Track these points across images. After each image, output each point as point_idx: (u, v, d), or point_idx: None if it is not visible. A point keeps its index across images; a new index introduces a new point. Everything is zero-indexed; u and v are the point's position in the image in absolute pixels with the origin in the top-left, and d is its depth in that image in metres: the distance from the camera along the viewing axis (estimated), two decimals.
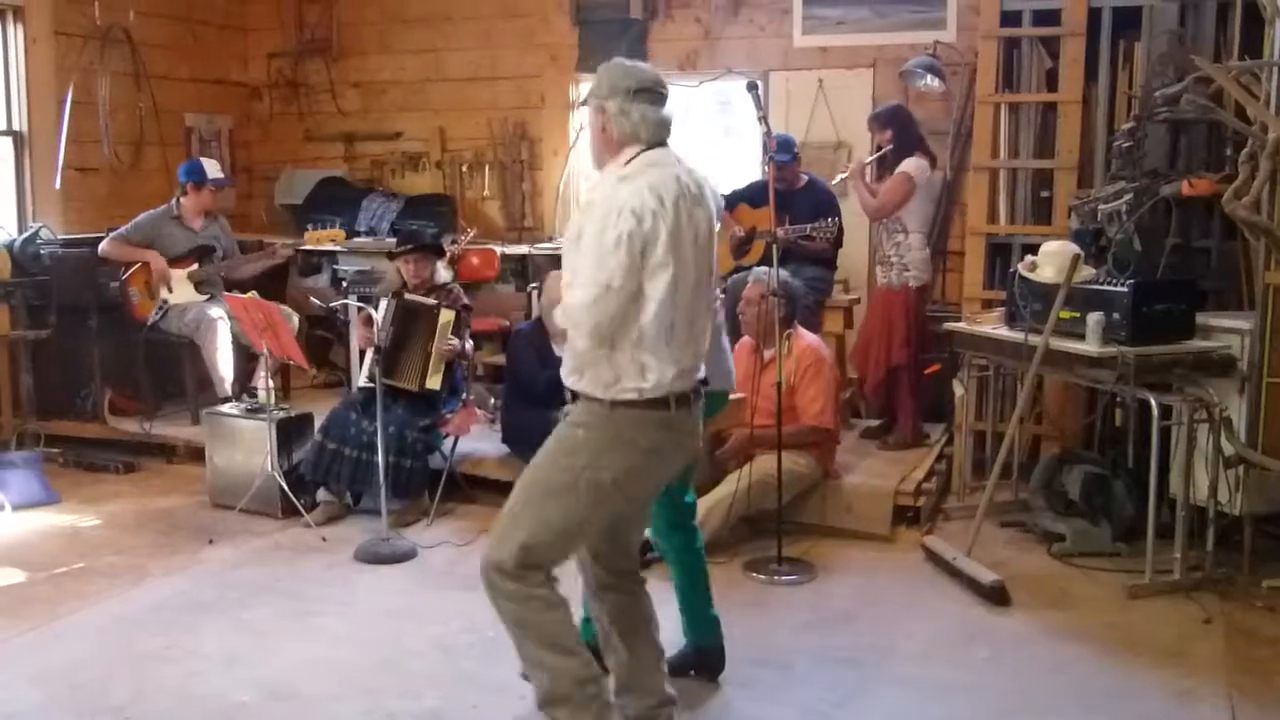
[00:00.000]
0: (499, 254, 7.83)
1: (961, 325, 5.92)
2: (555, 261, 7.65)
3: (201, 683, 3.95)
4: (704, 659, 4.13)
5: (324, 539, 5.48)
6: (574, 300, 3.26)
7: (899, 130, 6.31)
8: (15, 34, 7.34)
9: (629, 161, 3.38)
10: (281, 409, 6.06)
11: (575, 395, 3.39)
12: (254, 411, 5.99)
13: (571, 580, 3.55)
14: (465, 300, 6.12)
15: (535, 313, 6.94)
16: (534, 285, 7.29)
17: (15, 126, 7.40)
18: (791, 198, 6.48)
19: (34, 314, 6.90)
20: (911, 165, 6.22)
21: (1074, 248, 5.23)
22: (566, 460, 3.32)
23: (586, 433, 3.32)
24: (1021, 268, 5.41)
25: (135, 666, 4.04)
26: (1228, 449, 4.84)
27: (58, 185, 7.42)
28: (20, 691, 3.98)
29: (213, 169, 7.08)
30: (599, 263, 3.18)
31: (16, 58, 7.35)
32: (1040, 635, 4.48)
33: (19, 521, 5.85)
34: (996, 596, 4.76)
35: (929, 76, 6.90)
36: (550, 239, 8.19)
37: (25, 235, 7.05)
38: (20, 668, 4.18)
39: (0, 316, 6.52)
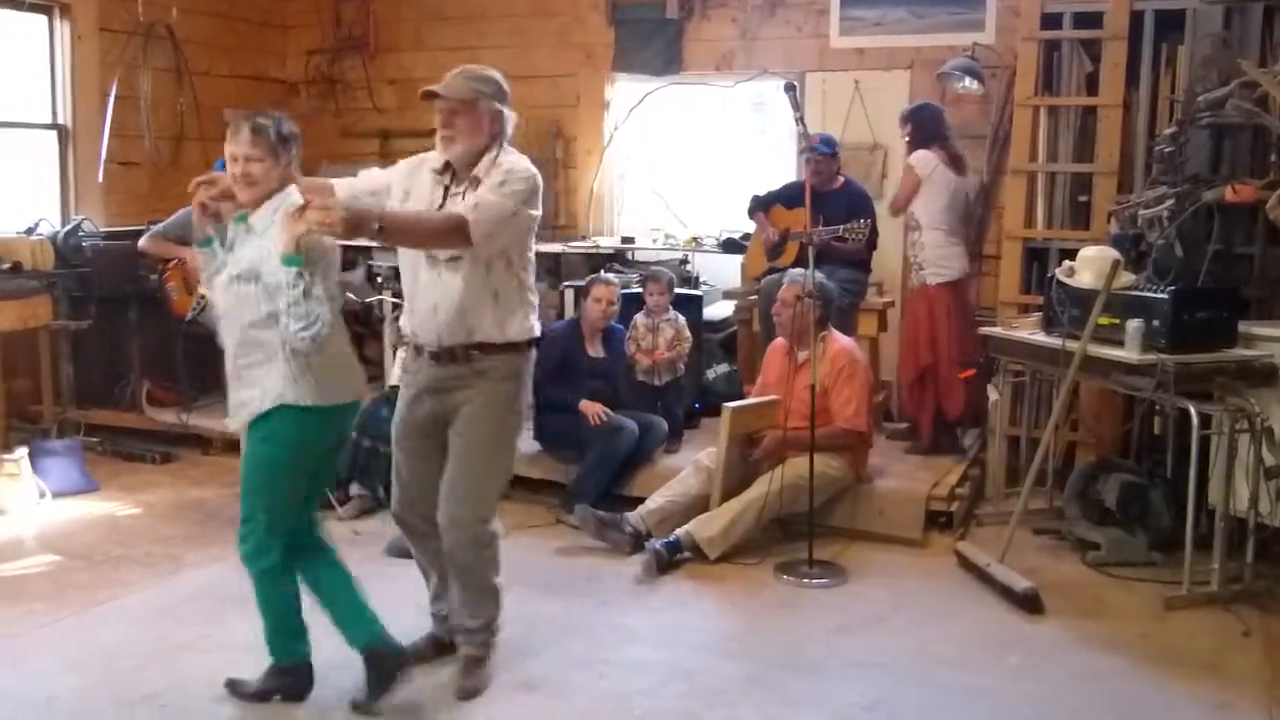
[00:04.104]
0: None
1: (997, 330, 5.88)
2: (589, 260, 7.68)
3: (235, 672, 3.96)
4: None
5: (356, 533, 5.52)
6: None
7: (916, 126, 6.31)
8: (62, 30, 7.41)
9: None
10: None
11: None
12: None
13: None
14: None
15: (569, 312, 6.96)
16: (566, 284, 7.28)
17: (60, 120, 7.47)
18: (827, 198, 6.45)
19: (75, 305, 6.96)
20: (915, 158, 6.23)
21: (1113, 253, 5.18)
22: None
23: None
24: (1059, 273, 5.37)
25: (170, 655, 4.07)
26: (1269, 459, 4.78)
27: (100, 179, 7.49)
28: (58, 677, 4.02)
29: None
30: None
31: (63, 53, 7.42)
32: (1074, 644, 4.44)
33: (59, 508, 5.92)
34: (1030, 604, 4.72)
35: (967, 79, 6.86)
36: (584, 237, 8.19)
37: (68, 227, 7.10)
38: (58, 653, 4.22)
39: (43, 307, 6.57)
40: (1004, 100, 7.05)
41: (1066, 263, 5.41)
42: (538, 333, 3.94)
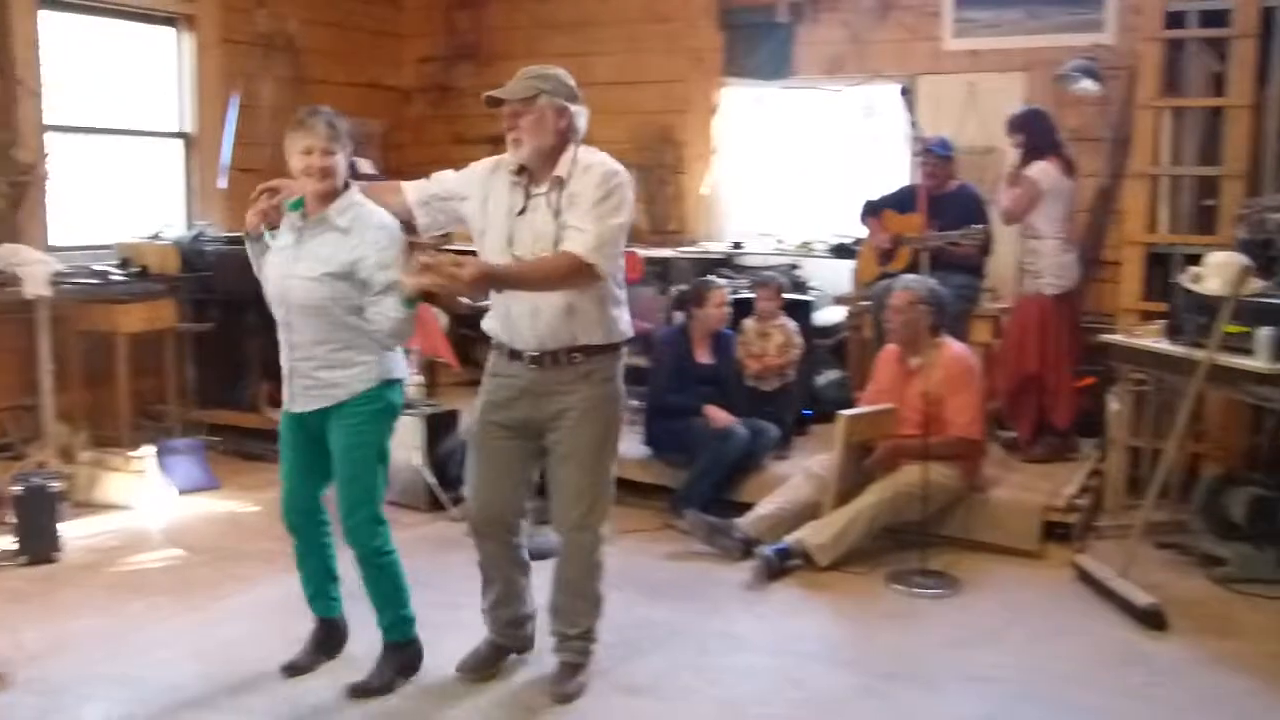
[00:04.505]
0: (642, 257, 7.84)
1: (1119, 338, 5.74)
2: (698, 265, 7.67)
3: (348, 667, 4.04)
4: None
5: (467, 534, 5.57)
6: None
7: (1029, 135, 6.18)
8: (186, 42, 7.63)
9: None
10: (429, 405, 6.18)
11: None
12: (403, 406, 6.09)
13: None
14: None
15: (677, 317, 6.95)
16: (676, 288, 7.28)
17: (185, 129, 7.69)
18: (940, 202, 6.35)
19: (198, 308, 7.14)
20: (1036, 170, 6.09)
21: (1242, 258, 5.02)
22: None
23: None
24: (1184, 279, 5.22)
25: (289, 649, 4.14)
26: None
27: (222, 185, 7.68)
28: (182, 666, 4.14)
29: (364, 166, 7.24)
30: None
31: (188, 64, 7.65)
32: (1199, 664, 4.31)
33: (183, 505, 6.10)
34: (1153, 620, 4.59)
35: (1085, 80, 6.71)
36: (693, 242, 8.19)
37: (192, 233, 7.29)
38: (182, 644, 4.35)
39: (167, 310, 6.75)
40: (1124, 102, 6.88)
41: (1192, 268, 5.25)
42: (631, 332, 3.91)
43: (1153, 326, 5.68)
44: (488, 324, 3.92)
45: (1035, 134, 6.18)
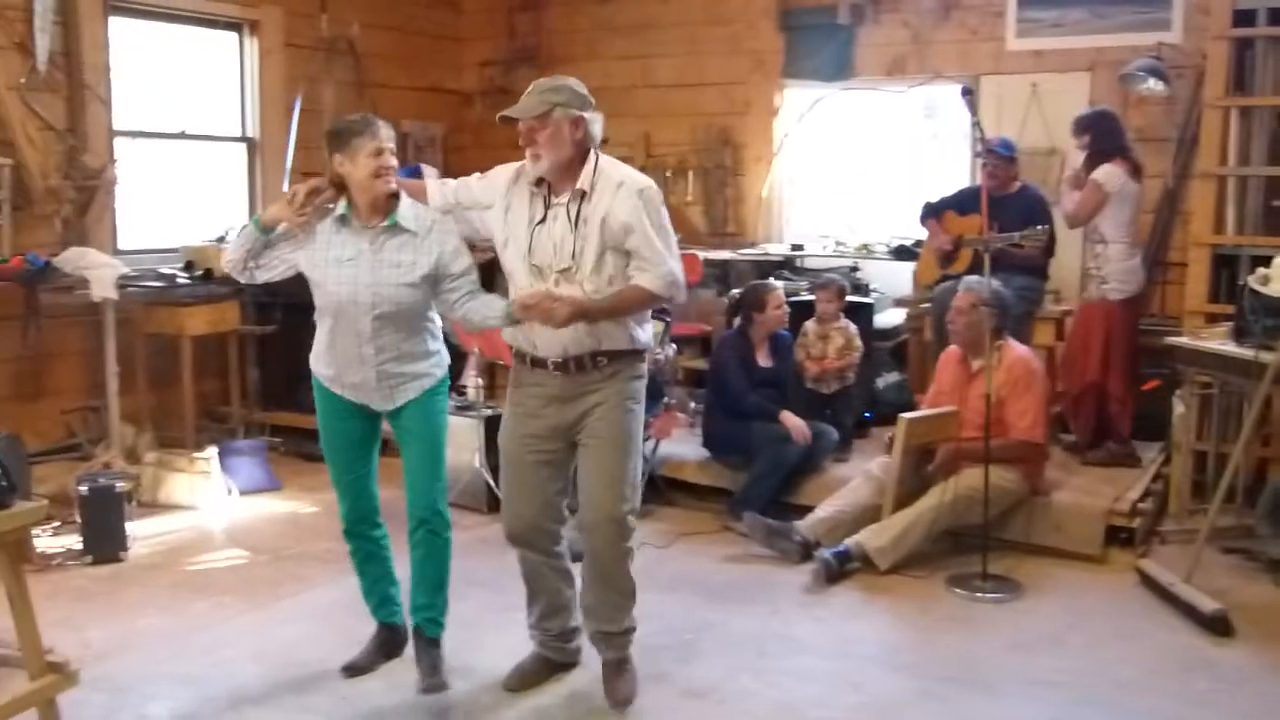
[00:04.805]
0: (701, 259, 7.84)
1: (1184, 340, 5.65)
2: (758, 267, 7.66)
3: (408, 669, 4.06)
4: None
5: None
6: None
7: (1095, 136, 6.08)
8: (250, 47, 7.74)
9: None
10: (489, 407, 6.22)
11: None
12: (463, 409, 6.16)
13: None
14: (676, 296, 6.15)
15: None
16: (732, 293, 7.27)
17: (249, 133, 7.81)
18: (1002, 203, 6.27)
19: (261, 311, 7.24)
20: (1102, 173, 5.99)
21: None
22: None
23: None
24: (1252, 281, 5.13)
25: (349, 649, 4.18)
26: None
27: (285, 189, 7.76)
28: (245, 666, 4.20)
29: (428, 173, 7.28)
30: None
31: (251, 69, 7.76)
32: (1267, 671, 4.24)
33: (245, 506, 6.19)
34: (1218, 626, 4.52)
35: (1151, 79, 6.62)
36: (753, 245, 8.18)
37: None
38: (245, 643, 4.41)
39: (231, 312, 6.84)
40: (1191, 102, 6.79)
41: (1260, 270, 5.16)
42: (652, 344, 3.97)
43: (1219, 329, 5.60)
44: (508, 334, 3.92)
45: (1102, 135, 6.08)
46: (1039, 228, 6.06)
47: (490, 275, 4.17)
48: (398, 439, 4.02)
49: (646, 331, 3.88)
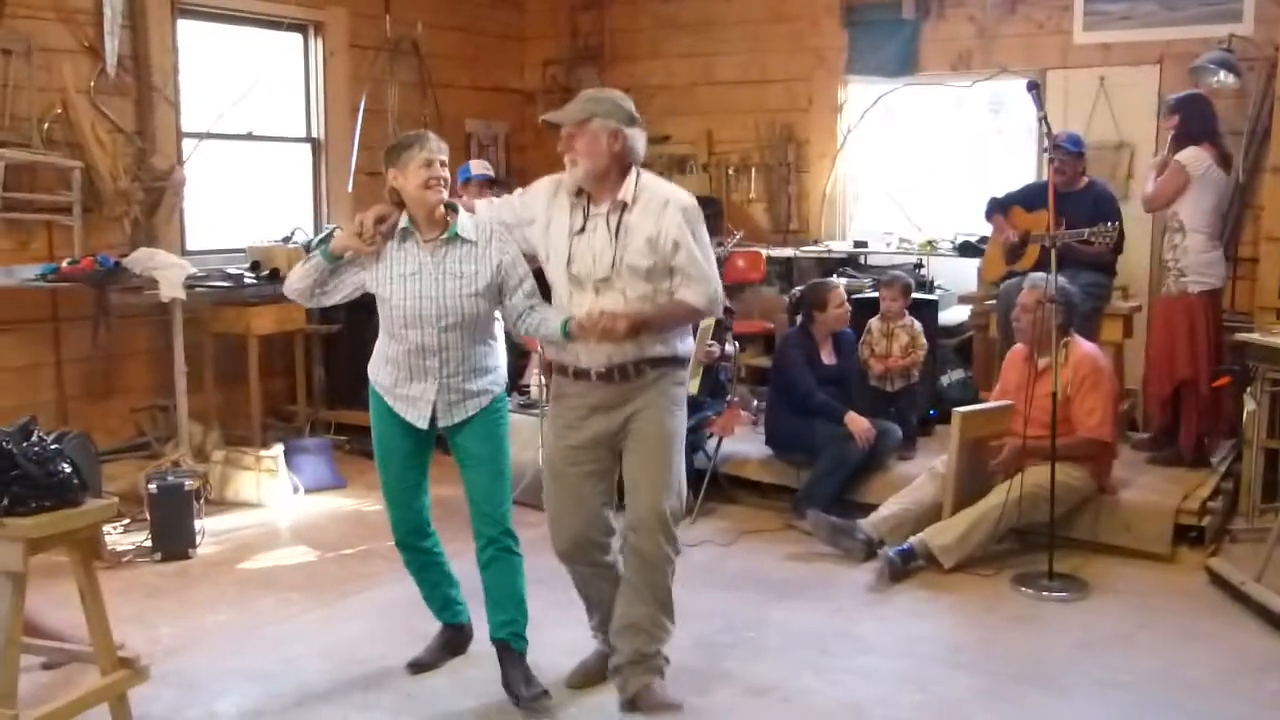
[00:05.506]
0: (764, 256, 7.83)
1: (1255, 336, 5.55)
2: (821, 265, 7.62)
3: (473, 666, 4.10)
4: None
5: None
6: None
7: (1185, 118, 5.95)
8: (316, 48, 7.84)
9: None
10: None
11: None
12: (526, 407, 6.18)
13: None
14: (727, 303, 6.13)
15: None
16: (792, 291, 7.24)
17: (314, 134, 7.90)
18: (1070, 199, 6.18)
19: (326, 311, 7.24)
20: (1186, 155, 5.87)
21: None
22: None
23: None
24: None
25: (414, 646, 4.22)
26: None
27: (350, 189, 7.86)
28: (311, 662, 4.24)
29: (477, 166, 7.29)
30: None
31: (316, 70, 7.85)
32: None
33: (310, 503, 6.26)
34: None
35: (1222, 72, 6.51)
36: (816, 242, 8.14)
37: (321, 235, 7.46)
38: (311, 639, 4.46)
39: (298, 312, 6.89)
40: (1262, 94, 6.66)
41: None
42: (690, 353, 3.94)
43: None
44: (551, 350, 3.95)
45: (1192, 118, 5.94)
46: (1109, 224, 6.00)
47: (544, 287, 4.18)
48: (457, 459, 4.03)
49: (687, 343, 3.88)
